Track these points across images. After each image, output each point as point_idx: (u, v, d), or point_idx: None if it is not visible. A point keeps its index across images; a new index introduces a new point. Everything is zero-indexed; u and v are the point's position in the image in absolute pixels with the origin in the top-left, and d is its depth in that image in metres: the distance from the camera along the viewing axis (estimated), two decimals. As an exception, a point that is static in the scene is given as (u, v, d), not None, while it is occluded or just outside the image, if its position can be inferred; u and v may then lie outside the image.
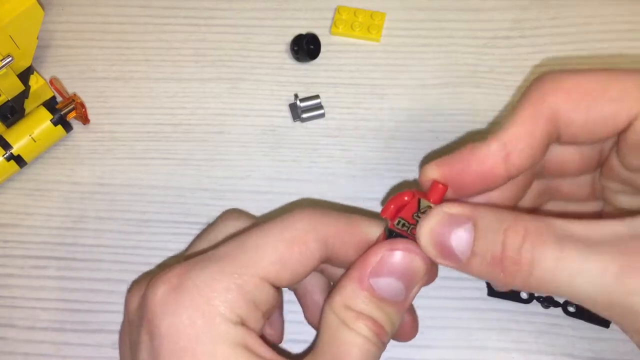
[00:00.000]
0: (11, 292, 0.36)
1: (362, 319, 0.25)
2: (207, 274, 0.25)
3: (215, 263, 0.25)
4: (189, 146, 0.40)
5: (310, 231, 0.26)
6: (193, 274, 0.25)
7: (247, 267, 0.25)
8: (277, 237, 0.26)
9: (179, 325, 0.24)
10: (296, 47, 0.41)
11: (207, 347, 0.24)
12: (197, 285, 0.24)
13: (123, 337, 0.28)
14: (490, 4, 0.44)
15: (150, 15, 0.44)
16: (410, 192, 0.26)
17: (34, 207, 0.38)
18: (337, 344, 0.24)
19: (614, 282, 0.21)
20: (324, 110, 0.40)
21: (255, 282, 0.25)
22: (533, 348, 0.34)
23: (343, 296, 0.25)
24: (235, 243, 0.26)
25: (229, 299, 0.24)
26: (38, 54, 0.42)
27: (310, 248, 0.26)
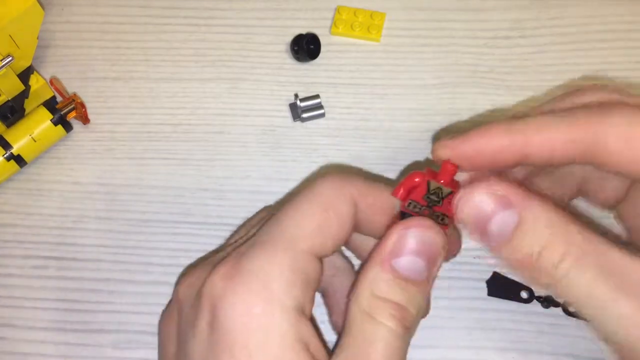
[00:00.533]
0: (11, 292, 0.36)
1: (387, 308, 0.24)
2: (259, 259, 0.25)
3: (264, 247, 0.25)
4: (189, 146, 0.40)
5: (339, 194, 0.26)
6: (245, 262, 0.25)
7: (294, 243, 0.25)
8: (311, 207, 0.26)
9: (236, 316, 0.24)
10: (296, 47, 0.41)
11: (260, 339, 0.24)
12: (252, 271, 0.24)
13: (168, 325, 0.28)
14: (490, 4, 0.44)
15: (150, 15, 0.44)
16: (421, 174, 0.26)
17: (34, 207, 0.38)
18: (361, 339, 0.24)
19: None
20: (324, 110, 0.40)
21: (305, 258, 0.25)
22: (533, 348, 0.34)
23: (365, 283, 0.25)
24: (274, 224, 0.26)
25: (284, 281, 0.24)
26: (38, 53, 0.42)
27: (343, 210, 0.26)
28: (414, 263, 0.25)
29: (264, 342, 0.23)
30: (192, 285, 0.27)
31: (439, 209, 0.26)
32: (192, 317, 0.25)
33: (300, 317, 0.24)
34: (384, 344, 0.24)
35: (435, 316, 0.34)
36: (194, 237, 0.37)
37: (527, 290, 0.35)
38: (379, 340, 0.24)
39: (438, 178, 0.26)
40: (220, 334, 0.24)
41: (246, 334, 0.24)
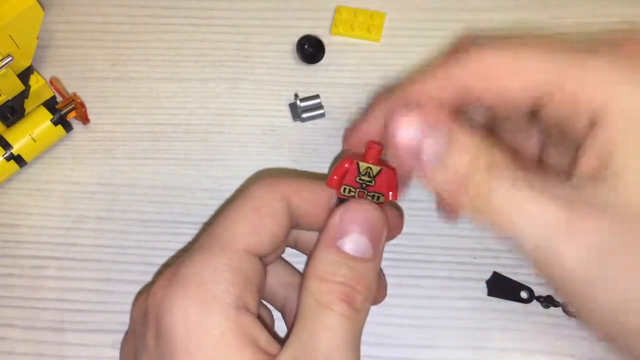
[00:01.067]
0: (11, 292, 0.36)
1: (335, 290, 0.24)
2: (193, 264, 0.25)
3: (198, 252, 0.26)
4: (189, 146, 0.40)
5: (270, 194, 0.27)
6: (182, 269, 0.25)
7: (228, 245, 0.25)
8: (243, 209, 0.27)
9: (175, 322, 0.24)
10: (307, 45, 0.41)
11: (199, 338, 0.24)
12: (187, 277, 0.25)
13: (126, 347, 0.28)
14: (490, 4, 0.44)
15: (150, 15, 0.44)
16: (349, 159, 0.27)
17: (34, 207, 0.38)
18: (311, 326, 0.24)
19: (556, 229, 0.22)
20: (324, 110, 0.40)
21: (240, 257, 0.25)
22: (533, 348, 0.34)
23: (313, 268, 0.25)
24: (208, 231, 0.27)
25: (221, 280, 0.24)
26: (38, 53, 0.42)
27: (276, 208, 0.27)
28: (358, 241, 0.25)
29: (203, 342, 0.23)
30: (140, 307, 0.27)
31: (372, 189, 0.27)
32: (142, 335, 0.26)
33: (242, 313, 0.24)
34: (333, 332, 0.24)
35: (435, 316, 0.35)
36: (194, 237, 0.37)
37: (527, 290, 0.35)
38: (327, 329, 0.24)
39: (366, 159, 0.27)
40: (163, 342, 0.24)
41: (186, 337, 0.24)
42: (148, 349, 0.25)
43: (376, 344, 0.34)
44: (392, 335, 0.34)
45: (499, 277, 0.35)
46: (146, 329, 0.25)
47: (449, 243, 0.36)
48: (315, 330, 0.24)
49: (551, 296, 0.34)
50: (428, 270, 0.36)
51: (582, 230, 0.22)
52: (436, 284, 0.35)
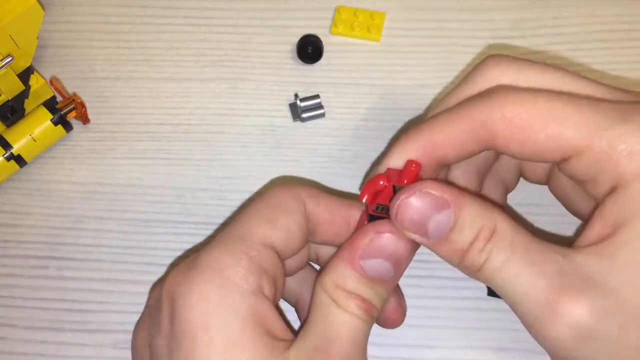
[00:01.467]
0: (11, 292, 0.36)
1: (353, 298, 0.25)
2: (215, 252, 0.26)
3: (219, 243, 0.26)
4: (189, 146, 0.40)
5: (288, 195, 0.28)
6: (202, 255, 0.26)
7: (246, 237, 0.26)
8: (261, 206, 0.27)
9: (194, 303, 0.24)
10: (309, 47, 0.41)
11: (220, 321, 0.24)
12: (208, 263, 0.25)
13: (140, 332, 0.29)
14: (490, 4, 0.44)
15: (150, 15, 0.44)
16: (385, 176, 0.27)
17: (34, 207, 0.38)
18: (327, 321, 0.25)
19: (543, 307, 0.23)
20: (324, 110, 0.40)
21: (258, 248, 0.26)
22: (533, 348, 0.34)
23: (334, 276, 0.26)
24: (229, 226, 0.27)
25: (240, 267, 0.25)
26: (38, 53, 0.42)
27: (293, 206, 0.28)
28: (382, 265, 0.26)
29: (224, 324, 0.24)
30: (156, 293, 0.27)
31: None
32: (156, 318, 0.26)
33: (260, 299, 0.25)
34: (349, 329, 0.25)
35: (435, 316, 0.34)
36: (194, 237, 0.37)
37: None
38: (344, 325, 0.25)
39: (402, 179, 0.26)
40: (180, 323, 0.24)
41: (206, 318, 0.24)
42: (162, 330, 0.25)
43: (376, 344, 0.34)
44: (392, 335, 0.34)
45: None
46: (160, 311, 0.26)
47: (449, 243, 0.36)
48: (332, 324, 0.25)
49: None
50: (428, 270, 0.36)
51: (566, 312, 0.23)
52: (436, 284, 0.35)
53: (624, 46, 0.42)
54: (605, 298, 0.22)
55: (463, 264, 0.25)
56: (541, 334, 0.24)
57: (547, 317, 0.23)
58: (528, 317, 0.24)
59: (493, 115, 0.25)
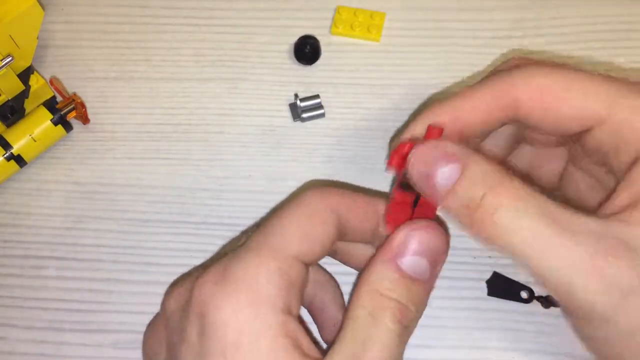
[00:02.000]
0: (11, 292, 0.36)
1: (389, 306, 0.25)
2: (246, 264, 0.25)
3: (251, 253, 0.26)
4: (189, 146, 0.40)
5: (322, 203, 0.27)
6: (233, 268, 0.25)
7: (280, 249, 0.26)
8: (297, 215, 0.27)
9: (226, 320, 0.24)
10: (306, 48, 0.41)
11: (251, 339, 0.24)
12: (240, 277, 0.25)
13: (154, 335, 0.28)
14: (490, 4, 0.44)
15: (150, 15, 0.44)
16: (408, 144, 0.27)
17: (34, 207, 0.38)
18: (360, 339, 0.24)
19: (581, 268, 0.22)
20: (324, 110, 0.40)
21: (290, 263, 0.26)
22: (533, 348, 0.34)
23: (369, 281, 0.25)
24: (260, 232, 0.27)
25: (272, 284, 0.25)
26: (38, 53, 0.42)
27: (327, 218, 0.27)
28: (418, 263, 0.26)
29: (256, 342, 0.24)
30: (179, 297, 0.27)
31: None
32: (181, 327, 0.26)
33: (289, 317, 0.25)
34: (382, 345, 0.24)
35: (435, 316, 0.34)
36: (194, 237, 0.37)
37: (527, 290, 0.35)
38: (378, 343, 0.24)
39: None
40: (211, 339, 0.24)
41: (238, 336, 0.24)
42: (189, 343, 0.25)
43: (376, 344, 0.34)
44: (392, 335, 0.34)
45: (499, 277, 0.35)
46: (188, 323, 0.25)
47: (449, 243, 0.36)
48: (365, 341, 0.24)
49: (551, 296, 0.34)
50: (428, 270, 0.36)
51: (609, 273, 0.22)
52: (436, 283, 0.35)
53: (623, 46, 0.42)
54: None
55: (474, 222, 0.24)
56: (576, 297, 0.23)
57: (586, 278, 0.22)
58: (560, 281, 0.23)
59: (518, 84, 0.26)
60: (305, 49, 0.41)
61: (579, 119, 0.25)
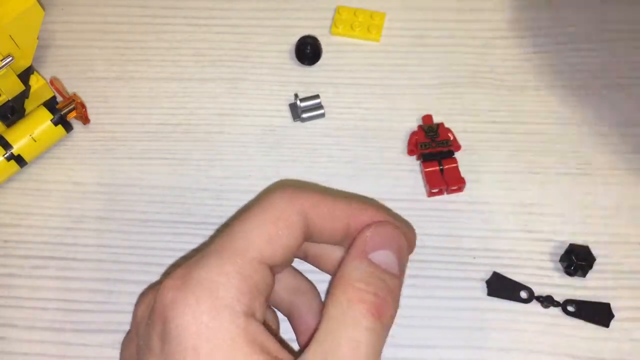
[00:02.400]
0: (12, 292, 0.36)
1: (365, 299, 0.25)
2: (207, 269, 0.25)
3: (213, 257, 0.26)
4: (189, 146, 0.40)
5: (289, 206, 0.27)
6: (195, 272, 0.25)
7: (243, 253, 0.26)
8: (262, 218, 0.27)
9: (185, 324, 0.24)
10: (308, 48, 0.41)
11: (210, 343, 0.24)
12: (200, 281, 0.25)
13: (128, 347, 0.28)
14: (490, 4, 0.44)
15: (150, 15, 0.44)
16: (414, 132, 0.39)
17: (34, 207, 0.38)
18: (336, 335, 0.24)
19: None
20: (324, 110, 0.40)
21: (253, 266, 0.25)
22: (533, 348, 0.34)
23: (344, 276, 0.26)
24: (225, 235, 0.27)
25: (232, 288, 0.25)
26: (38, 54, 0.42)
27: (293, 221, 0.27)
28: (389, 257, 0.27)
29: (215, 346, 0.23)
30: (146, 305, 0.27)
31: (439, 139, 0.38)
32: (147, 334, 0.25)
33: (251, 320, 0.24)
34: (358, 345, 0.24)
35: (435, 316, 0.35)
36: (194, 237, 0.37)
37: (527, 290, 0.35)
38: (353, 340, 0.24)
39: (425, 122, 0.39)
40: (171, 345, 0.24)
41: (197, 340, 0.24)
42: (153, 350, 0.25)
43: (376, 344, 0.34)
44: (392, 335, 0.34)
45: (499, 277, 0.35)
46: (152, 329, 0.25)
47: (449, 243, 0.36)
48: (340, 340, 0.24)
49: (551, 296, 0.34)
50: (428, 270, 0.36)
51: None
52: (436, 284, 0.35)
53: (623, 46, 0.42)
54: None
55: None
56: None
57: None
58: None
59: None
60: (306, 49, 0.41)
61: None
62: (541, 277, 0.35)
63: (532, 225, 0.37)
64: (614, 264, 0.35)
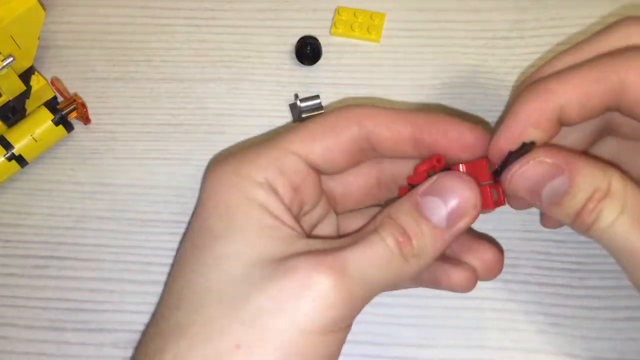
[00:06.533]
0: (12, 292, 0.36)
1: (394, 227, 0.25)
2: (245, 151, 0.29)
3: (262, 144, 0.29)
4: (190, 146, 0.40)
5: (343, 117, 0.29)
6: (236, 153, 0.29)
7: (279, 142, 0.28)
8: (311, 124, 0.29)
9: (210, 183, 0.28)
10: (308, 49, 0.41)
11: (223, 196, 0.27)
12: (235, 157, 0.28)
13: None
14: (490, 5, 0.44)
15: (150, 16, 0.44)
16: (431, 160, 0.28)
17: (35, 207, 0.38)
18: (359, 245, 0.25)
19: None
20: (324, 111, 0.40)
21: (283, 152, 0.28)
22: (533, 348, 0.34)
23: (389, 208, 0.26)
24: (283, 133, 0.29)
25: (257, 163, 0.28)
26: (39, 54, 0.42)
27: (341, 130, 0.28)
28: (437, 206, 0.26)
29: (227, 198, 0.27)
30: None
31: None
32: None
33: (267, 190, 0.27)
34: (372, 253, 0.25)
35: (435, 316, 0.35)
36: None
37: None
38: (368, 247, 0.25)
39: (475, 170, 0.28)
40: (199, 201, 0.28)
41: (213, 195, 0.27)
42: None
43: (376, 344, 0.34)
44: (392, 334, 0.34)
45: None
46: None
47: (448, 243, 0.36)
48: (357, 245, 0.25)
49: None
50: (428, 270, 0.36)
51: None
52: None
53: (623, 46, 0.42)
54: None
55: (575, 224, 0.25)
56: None
57: None
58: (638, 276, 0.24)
59: (627, 67, 0.25)
60: (306, 49, 0.41)
61: None
62: (540, 277, 0.35)
63: (530, 225, 0.37)
64: (613, 263, 0.35)
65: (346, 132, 0.28)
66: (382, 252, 0.25)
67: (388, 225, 0.26)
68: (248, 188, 0.27)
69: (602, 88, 0.25)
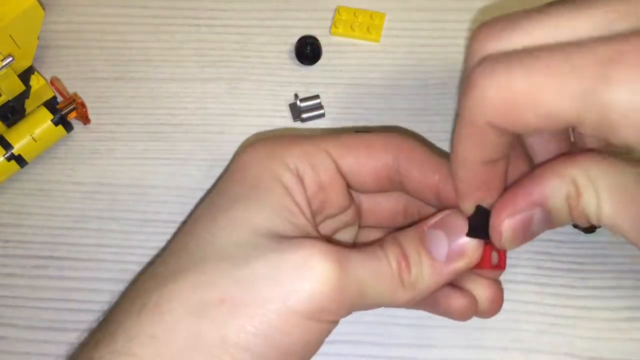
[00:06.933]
0: (12, 292, 0.36)
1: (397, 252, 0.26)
2: (282, 138, 0.30)
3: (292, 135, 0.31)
4: (190, 146, 0.40)
5: (383, 138, 0.30)
6: (273, 137, 0.30)
7: (315, 139, 0.29)
8: (352, 134, 0.30)
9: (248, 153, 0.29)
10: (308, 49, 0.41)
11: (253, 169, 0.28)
12: (272, 140, 0.30)
13: None
14: (490, 4, 0.44)
15: (150, 16, 0.44)
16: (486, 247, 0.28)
17: (35, 207, 0.38)
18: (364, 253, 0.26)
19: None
20: (324, 111, 0.40)
21: (317, 149, 0.29)
22: (533, 348, 0.34)
23: (398, 232, 0.27)
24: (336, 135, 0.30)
25: (291, 150, 0.29)
26: (39, 54, 0.42)
27: (380, 148, 0.29)
28: (437, 237, 0.27)
29: (257, 172, 0.28)
30: None
31: None
32: None
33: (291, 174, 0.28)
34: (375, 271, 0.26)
35: (435, 316, 0.35)
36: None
37: None
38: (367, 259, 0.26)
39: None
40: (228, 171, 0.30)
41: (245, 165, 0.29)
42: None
43: (376, 344, 0.34)
44: (392, 334, 0.34)
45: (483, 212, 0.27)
46: None
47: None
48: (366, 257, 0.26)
49: None
50: (428, 270, 0.36)
51: None
52: (436, 283, 0.35)
53: (623, 46, 0.42)
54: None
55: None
56: None
57: None
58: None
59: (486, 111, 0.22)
60: (306, 49, 0.41)
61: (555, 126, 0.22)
62: (540, 277, 0.35)
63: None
64: (613, 263, 0.36)
65: (381, 155, 0.29)
66: (382, 267, 0.26)
67: (392, 245, 0.27)
68: (278, 169, 0.28)
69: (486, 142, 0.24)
